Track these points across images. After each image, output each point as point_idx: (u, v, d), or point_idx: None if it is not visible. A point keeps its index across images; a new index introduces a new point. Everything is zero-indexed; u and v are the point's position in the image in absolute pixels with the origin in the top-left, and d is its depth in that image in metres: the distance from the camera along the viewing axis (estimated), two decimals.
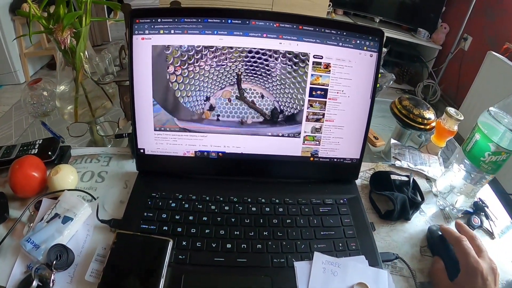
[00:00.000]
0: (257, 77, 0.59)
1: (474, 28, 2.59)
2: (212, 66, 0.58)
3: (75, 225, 0.54)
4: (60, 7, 0.67)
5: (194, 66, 0.58)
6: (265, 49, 0.58)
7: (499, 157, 0.57)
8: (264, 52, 0.58)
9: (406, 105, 0.80)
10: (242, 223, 0.56)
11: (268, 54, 0.58)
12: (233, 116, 0.61)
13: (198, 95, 0.60)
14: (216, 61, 0.58)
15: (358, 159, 0.66)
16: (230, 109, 0.61)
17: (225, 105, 0.61)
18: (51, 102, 0.87)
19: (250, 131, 0.62)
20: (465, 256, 0.50)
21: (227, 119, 0.61)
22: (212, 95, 0.60)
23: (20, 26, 2.67)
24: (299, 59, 0.59)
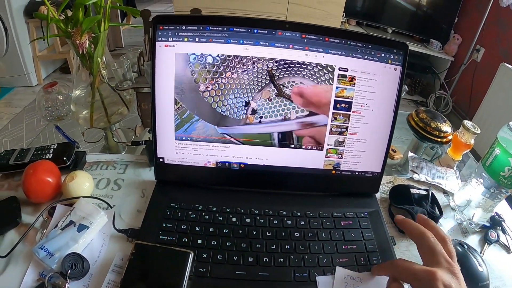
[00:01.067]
0: (291, 69, 0.58)
1: (487, 39, 2.57)
2: (241, 73, 0.57)
3: (90, 233, 0.53)
4: (78, 11, 0.67)
5: (223, 78, 0.58)
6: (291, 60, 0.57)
7: None
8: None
9: (423, 118, 0.79)
10: (264, 236, 0.55)
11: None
12: (276, 115, 0.60)
13: (237, 102, 0.59)
14: (243, 68, 0.57)
15: (379, 172, 0.65)
16: (272, 108, 0.59)
17: (266, 106, 0.59)
18: (66, 106, 0.87)
19: (295, 126, 0.61)
20: (434, 256, 0.44)
21: (270, 119, 0.60)
22: (252, 99, 0.59)
23: (34, 29, 2.71)
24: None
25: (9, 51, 2.65)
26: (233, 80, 0.58)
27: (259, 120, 0.60)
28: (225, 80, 0.58)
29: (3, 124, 2.36)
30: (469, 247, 0.57)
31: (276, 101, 0.59)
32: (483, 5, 2.45)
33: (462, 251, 0.56)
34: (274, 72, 0.58)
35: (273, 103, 0.59)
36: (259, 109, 0.59)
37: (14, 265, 0.50)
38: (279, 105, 0.59)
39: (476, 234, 0.64)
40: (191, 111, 0.59)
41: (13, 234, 0.55)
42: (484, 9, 2.39)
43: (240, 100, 0.59)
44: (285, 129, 0.60)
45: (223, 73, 0.57)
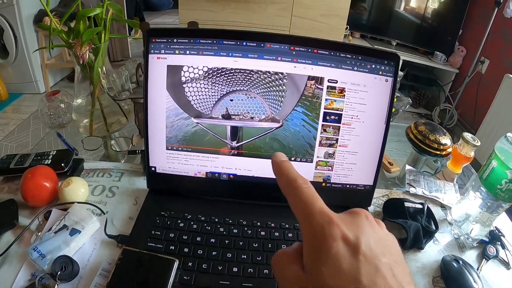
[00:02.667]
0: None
1: (491, 51, 2.56)
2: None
3: (82, 238, 0.55)
4: (80, 22, 0.69)
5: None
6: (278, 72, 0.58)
7: None
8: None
9: (421, 130, 0.79)
10: (250, 247, 0.55)
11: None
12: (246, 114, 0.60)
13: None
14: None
15: (372, 185, 0.64)
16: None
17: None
18: (68, 114, 0.89)
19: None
20: (306, 208, 0.27)
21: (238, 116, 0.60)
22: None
23: (43, 37, 2.78)
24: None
25: (18, 58, 2.71)
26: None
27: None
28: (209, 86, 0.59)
29: (10, 129, 2.41)
30: (464, 263, 0.57)
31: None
32: (487, 16, 2.44)
33: (457, 267, 0.55)
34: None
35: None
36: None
37: (9, 265, 0.52)
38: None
39: (474, 250, 0.63)
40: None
41: (9, 235, 0.57)
42: (488, 20, 2.38)
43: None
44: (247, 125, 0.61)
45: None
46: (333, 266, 0.25)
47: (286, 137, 0.61)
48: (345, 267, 0.24)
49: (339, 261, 0.25)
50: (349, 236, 0.25)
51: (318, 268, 0.25)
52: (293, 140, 0.61)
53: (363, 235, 0.26)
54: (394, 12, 3.01)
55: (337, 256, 0.25)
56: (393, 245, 0.28)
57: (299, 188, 0.28)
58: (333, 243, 0.25)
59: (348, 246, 0.25)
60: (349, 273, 0.24)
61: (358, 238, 0.25)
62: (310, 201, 0.28)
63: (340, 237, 0.25)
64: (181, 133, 0.61)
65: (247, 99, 0.59)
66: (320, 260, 0.25)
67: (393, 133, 0.97)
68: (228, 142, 0.61)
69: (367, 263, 0.25)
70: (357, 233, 0.26)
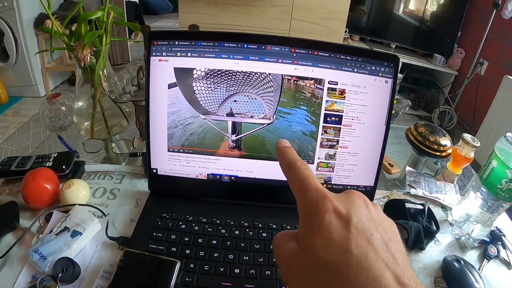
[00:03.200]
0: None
1: (490, 52, 2.57)
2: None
3: (83, 240, 0.55)
4: (81, 25, 0.70)
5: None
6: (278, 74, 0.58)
7: None
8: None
9: (421, 132, 0.79)
10: (252, 248, 0.55)
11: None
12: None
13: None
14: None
15: (372, 186, 0.64)
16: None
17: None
18: (69, 117, 0.89)
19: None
20: (302, 185, 0.28)
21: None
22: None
23: (44, 41, 2.79)
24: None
25: (18, 61, 2.73)
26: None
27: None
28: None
29: (10, 132, 2.41)
30: (466, 263, 0.57)
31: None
32: (485, 18, 2.46)
33: (458, 267, 0.56)
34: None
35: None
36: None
37: (9, 266, 0.52)
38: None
39: (475, 250, 0.63)
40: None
41: (10, 237, 0.57)
42: (487, 22, 2.40)
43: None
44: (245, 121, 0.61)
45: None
46: (325, 237, 0.25)
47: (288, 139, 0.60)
48: (336, 238, 0.25)
49: (331, 232, 0.25)
50: (341, 210, 0.26)
51: (311, 240, 0.25)
52: (294, 141, 0.61)
53: (356, 211, 0.26)
54: (393, 15, 3.02)
55: (329, 227, 0.25)
56: (389, 225, 0.28)
57: (298, 168, 0.30)
58: (326, 214, 0.26)
59: (340, 218, 0.26)
60: (340, 244, 0.24)
61: (350, 212, 0.26)
62: (306, 179, 0.28)
63: (333, 210, 0.26)
64: (183, 134, 0.61)
65: (249, 100, 0.60)
66: (313, 232, 0.26)
67: (393, 135, 0.97)
68: (228, 135, 0.61)
69: (359, 235, 0.25)
70: (350, 207, 0.26)
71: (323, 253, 0.25)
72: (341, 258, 0.24)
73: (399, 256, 0.25)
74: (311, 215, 0.26)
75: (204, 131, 0.61)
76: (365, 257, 0.24)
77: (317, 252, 0.25)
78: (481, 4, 2.70)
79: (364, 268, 0.24)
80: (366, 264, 0.24)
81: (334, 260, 0.24)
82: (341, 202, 0.27)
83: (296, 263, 0.26)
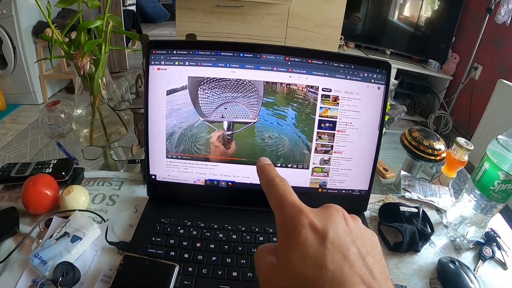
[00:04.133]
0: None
1: (484, 57, 2.60)
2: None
3: (83, 244, 0.55)
4: (81, 34, 0.71)
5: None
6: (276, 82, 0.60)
7: (508, 186, 0.57)
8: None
9: (416, 137, 0.81)
10: (249, 252, 0.56)
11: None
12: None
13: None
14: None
15: (367, 190, 0.66)
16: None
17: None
18: (68, 124, 0.90)
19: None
20: (280, 201, 0.29)
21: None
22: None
23: (42, 48, 2.80)
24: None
25: (16, 69, 2.73)
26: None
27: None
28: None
29: (7, 140, 2.41)
30: (461, 264, 0.58)
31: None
32: (479, 23, 2.49)
33: (454, 268, 0.56)
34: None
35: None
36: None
37: (9, 271, 0.53)
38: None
39: (470, 251, 0.64)
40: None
41: (10, 243, 0.57)
42: (480, 27, 2.43)
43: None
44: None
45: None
46: (301, 252, 0.26)
47: (283, 145, 0.62)
48: (311, 253, 0.25)
49: (306, 247, 0.26)
50: (317, 225, 0.27)
51: (288, 255, 0.26)
52: (290, 148, 0.62)
53: (332, 225, 0.27)
54: (387, 22, 3.05)
55: (305, 243, 0.26)
56: (368, 238, 0.28)
57: (276, 184, 0.30)
58: (302, 229, 0.26)
59: (316, 233, 0.26)
60: (315, 259, 0.25)
61: (326, 227, 0.26)
62: (284, 195, 0.29)
63: (309, 225, 0.27)
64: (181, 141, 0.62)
65: (235, 106, 0.61)
66: (290, 247, 0.26)
67: (389, 141, 0.99)
68: (224, 131, 0.62)
69: (335, 251, 0.25)
70: (326, 222, 0.27)
71: (299, 267, 0.25)
72: (316, 273, 0.25)
73: (376, 269, 0.26)
74: (288, 230, 0.27)
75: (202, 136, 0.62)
76: (340, 272, 0.24)
77: (294, 267, 0.25)
78: (475, 9, 2.73)
79: (339, 283, 0.24)
80: (341, 279, 0.24)
81: (310, 275, 0.25)
82: (317, 216, 0.27)
83: (275, 276, 0.27)
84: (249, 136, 0.62)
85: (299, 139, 0.62)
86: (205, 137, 0.62)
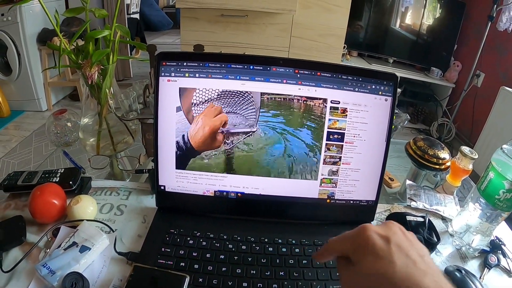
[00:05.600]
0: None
1: (486, 64, 2.61)
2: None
3: (92, 255, 0.55)
4: (89, 43, 0.71)
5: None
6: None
7: None
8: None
9: (421, 146, 0.81)
10: (259, 262, 0.56)
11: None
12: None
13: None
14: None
15: (374, 200, 0.66)
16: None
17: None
18: (74, 133, 0.90)
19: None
20: (342, 237, 0.38)
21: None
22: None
23: (46, 56, 2.82)
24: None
25: (21, 75, 2.75)
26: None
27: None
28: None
29: (11, 146, 2.42)
30: (467, 272, 0.58)
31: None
32: (481, 31, 2.50)
33: (460, 276, 0.56)
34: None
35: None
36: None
37: (16, 281, 0.52)
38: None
39: (476, 259, 0.64)
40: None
41: (17, 252, 0.57)
42: (482, 34, 2.44)
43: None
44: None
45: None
46: (373, 254, 0.33)
47: (292, 157, 0.63)
48: (381, 254, 0.33)
49: (377, 250, 0.34)
50: (381, 232, 0.35)
51: (363, 258, 0.34)
52: (299, 159, 0.63)
53: (393, 232, 0.35)
54: (390, 30, 3.07)
55: (375, 246, 0.34)
56: (422, 247, 0.35)
57: (330, 241, 0.40)
58: (370, 237, 0.34)
59: (381, 238, 0.34)
60: (385, 258, 0.33)
61: (388, 234, 0.35)
62: (341, 236, 0.39)
63: (375, 233, 0.35)
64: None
65: (236, 116, 0.62)
66: (363, 252, 0.34)
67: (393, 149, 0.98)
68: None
69: (399, 251, 0.33)
70: (388, 231, 0.35)
71: (374, 265, 0.33)
72: (388, 269, 0.32)
73: (433, 266, 0.33)
74: (359, 240, 0.35)
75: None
76: (406, 267, 0.32)
77: (369, 266, 0.33)
78: (476, 17, 2.75)
79: (407, 275, 0.31)
80: (408, 272, 0.31)
81: (383, 271, 0.32)
82: (380, 228, 0.36)
83: (355, 277, 0.35)
84: (257, 148, 0.63)
85: (308, 150, 0.62)
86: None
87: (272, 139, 0.62)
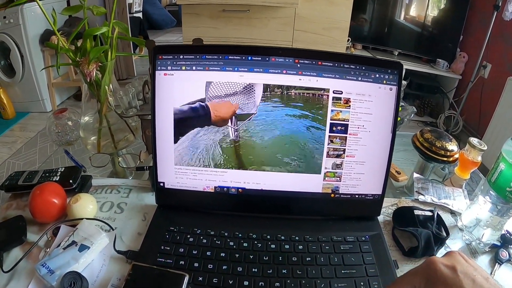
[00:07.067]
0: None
1: (492, 55, 2.56)
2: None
3: (91, 254, 0.55)
4: (87, 41, 0.71)
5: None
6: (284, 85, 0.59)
7: None
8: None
9: (428, 138, 0.79)
10: (261, 260, 0.55)
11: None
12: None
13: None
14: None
15: (380, 194, 0.64)
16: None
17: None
18: (75, 132, 0.90)
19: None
20: (410, 273, 0.40)
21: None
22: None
23: (50, 56, 2.83)
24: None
25: (25, 77, 2.77)
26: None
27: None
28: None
29: (17, 147, 2.44)
30: None
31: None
32: (486, 21, 2.45)
33: None
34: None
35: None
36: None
37: (17, 280, 0.52)
38: None
39: (486, 254, 0.62)
40: None
41: (17, 251, 0.57)
42: (488, 25, 2.39)
43: None
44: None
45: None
46: (444, 283, 0.36)
47: (293, 150, 0.61)
48: (450, 282, 0.36)
49: (445, 279, 0.36)
50: (446, 263, 0.38)
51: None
52: (301, 153, 0.61)
53: (457, 261, 0.38)
54: (394, 22, 3.03)
55: (443, 276, 0.37)
56: (483, 270, 0.38)
57: (398, 279, 0.41)
58: (437, 268, 0.37)
59: (448, 268, 0.37)
60: (455, 285, 0.36)
61: (453, 263, 0.37)
62: (408, 272, 0.41)
63: (441, 264, 0.38)
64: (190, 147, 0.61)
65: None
66: (433, 282, 0.37)
67: (399, 142, 0.96)
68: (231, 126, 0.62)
69: (465, 278, 0.36)
70: (452, 260, 0.38)
71: None
72: None
73: (498, 286, 0.36)
74: (428, 271, 0.38)
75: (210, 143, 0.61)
76: None
77: None
78: (482, 6, 2.70)
79: None
80: None
81: None
82: (444, 259, 0.39)
83: None
84: (258, 140, 0.61)
85: (310, 143, 0.61)
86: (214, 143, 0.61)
87: (273, 132, 0.61)
